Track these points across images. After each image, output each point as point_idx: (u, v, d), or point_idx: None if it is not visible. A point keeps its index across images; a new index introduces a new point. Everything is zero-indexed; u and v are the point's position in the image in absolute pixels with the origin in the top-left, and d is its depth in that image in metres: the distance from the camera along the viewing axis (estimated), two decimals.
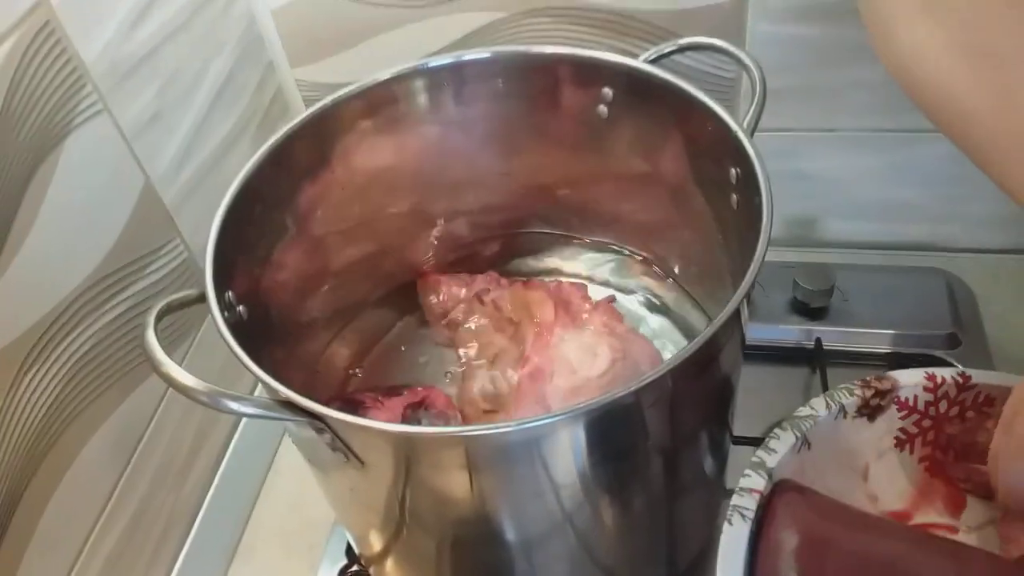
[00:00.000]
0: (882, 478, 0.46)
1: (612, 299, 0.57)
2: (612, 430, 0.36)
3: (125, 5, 0.49)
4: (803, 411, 0.46)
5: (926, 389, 0.46)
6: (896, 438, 0.47)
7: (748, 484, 0.43)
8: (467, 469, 0.36)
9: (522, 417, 0.38)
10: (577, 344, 0.53)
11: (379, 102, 0.49)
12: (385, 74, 0.48)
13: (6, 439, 0.41)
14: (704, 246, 0.50)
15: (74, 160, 0.44)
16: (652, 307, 0.58)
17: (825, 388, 0.58)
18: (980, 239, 0.67)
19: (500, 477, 0.37)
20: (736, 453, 0.54)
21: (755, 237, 0.38)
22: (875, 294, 0.64)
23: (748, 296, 0.37)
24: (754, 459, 0.44)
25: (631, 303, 0.58)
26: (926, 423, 0.46)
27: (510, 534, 0.41)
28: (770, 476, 0.43)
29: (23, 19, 0.41)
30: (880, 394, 0.46)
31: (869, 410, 0.46)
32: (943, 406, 0.46)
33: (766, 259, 0.65)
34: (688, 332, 0.56)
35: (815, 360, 0.61)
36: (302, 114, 0.46)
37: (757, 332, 0.62)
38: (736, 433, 0.51)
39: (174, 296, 0.38)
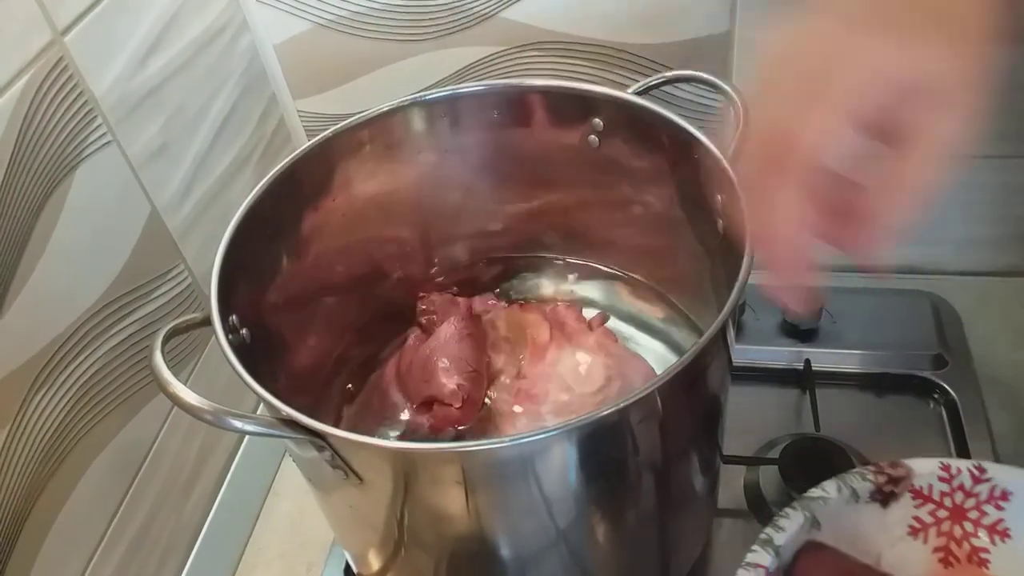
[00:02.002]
0: (895, 567, 0.45)
1: (605, 317, 0.58)
2: (603, 446, 0.37)
3: (135, 41, 0.51)
4: (814, 492, 0.46)
5: (941, 479, 0.46)
6: (910, 526, 0.46)
7: (754, 559, 0.43)
8: (463, 484, 0.37)
9: (517, 433, 0.39)
10: (572, 363, 0.54)
11: (379, 132, 0.51)
12: (385, 106, 0.50)
13: (14, 459, 0.42)
14: (693, 269, 0.52)
15: (84, 189, 0.46)
16: (645, 328, 0.60)
17: (814, 408, 0.59)
18: (965, 262, 0.69)
19: (495, 493, 0.38)
20: (727, 472, 0.55)
21: (740, 260, 0.39)
22: (863, 316, 0.65)
23: (735, 317, 0.38)
24: (762, 536, 0.44)
25: (624, 325, 0.59)
26: (942, 513, 0.46)
27: (505, 550, 0.42)
28: (777, 553, 0.43)
29: (38, 56, 0.43)
30: (894, 481, 0.46)
31: (882, 496, 0.46)
32: (959, 497, 0.46)
33: (757, 283, 0.67)
34: (680, 353, 0.57)
35: (805, 381, 0.62)
36: (305, 144, 0.48)
37: (748, 354, 0.63)
38: (727, 452, 0.52)
39: (180, 319, 0.40)
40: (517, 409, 0.53)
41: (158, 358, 0.35)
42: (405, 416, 0.52)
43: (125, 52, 0.50)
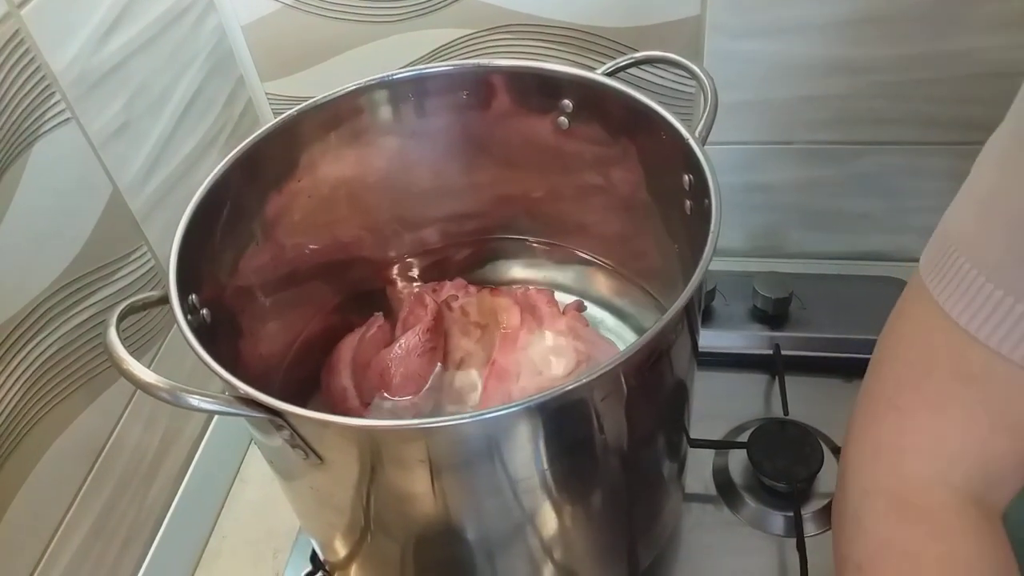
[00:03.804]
0: None
1: (581, 306, 0.58)
2: (568, 424, 0.37)
3: (96, 17, 0.50)
4: None
5: None
6: None
7: None
8: (427, 463, 0.36)
9: None
10: (542, 347, 0.54)
11: (345, 113, 0.50)
12: (351, 86, 0.50)
13: None
14: (662, 253, 0.52)
15: (41, 166, 0.45)
16: (616, 313, 0.60)
17: (783, 393, 0.60)
18: None
19: (460, 471, 0.38)
20: (695, 456, 0.56)
21: (705, 243, 0.39)
22: (832, 302, 0.66)
23: (700, 297, 0.38)
24: None
25: (595, 309, 0.59)
26: None
27: (472, 533, 0.42)
28: None
29: None
30: None
31: None
32: None
33: (727, 269, 0.67)
34: None
35: (774, 366, 0.62)
36: (269, 123, 0.47)
37: (718, 339, 0.64)
38: (696, 436, 0.52)
39: (137, 297, 0.39)
40: (488, 391, 0.52)
41: (112, 335, 0.35)
42: (352, 403, 0.51)
43: (86, 28, 0.49)
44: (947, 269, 0.34)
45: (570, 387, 0.34)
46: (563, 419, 0.37)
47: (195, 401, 0.33)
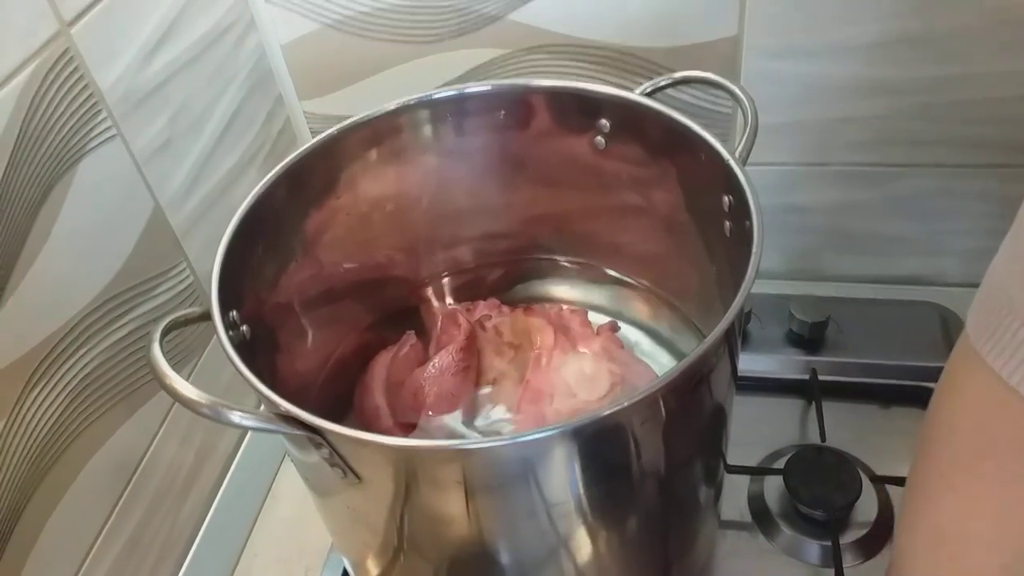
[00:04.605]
0: None
1: (615, 327, 0.58)
2: (604, 448, 0.37)
3: (142, 37, 0.51)
4: None
5: None
6: None
7: None
8: (463, 484, 0.36)
9: None
10: (577, 368, 0.54)
11: (384, 132, 0.51)
12: (391, 105, 0.50)
13: (10, 455, 0.41)
14: (699, 275, 0.51)
15: (87, 183, 0.46)
16: (650, 334, 0.59)
17: (820, 419, 0.58)
18: (972, 273, 0.68)
19: (495, 494, 0.38)
20: (731, 482, 0.55)
21: (746, 266, 0.39)
22: (870, 327, 0.64)
23: (740, 321, 0.37)
24: None
25: (630, 330, 0.59)
26: None
27: (505, 556, 0.41)
28: None
29: (44, 47, 0.43)
30: None
31: None
32: None
33: (763, 292, 0.66)
34: (683, 359, 0.56)
35: (810, 391, 0.61)
36: (310, 142, 0.48)
37: (753, 363, 0.63)
38: (731, 462, 0.51)
39: (179, 313, 0.39)
40: (521, 413, 0.52)
41: (156, 350, 0.35)
42: (386, 423, 0.51)
43: (132, 46, 0.50)
44: (1001, 335, 0.31)
45: (609, 411, 0.33)
46: (600, 443, 0.36)
47: (236, 418, 0.33)
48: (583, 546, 0.42)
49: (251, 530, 0.61)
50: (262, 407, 0.35)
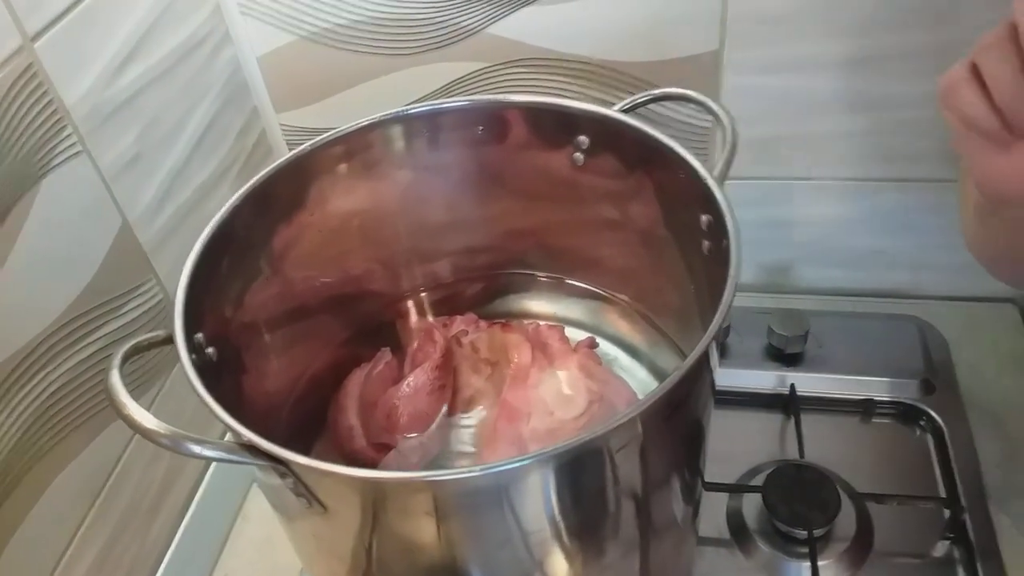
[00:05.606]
0: None
1: (593, 343, 0.57)
2: (583, 474, 0.36)
3: (110, 50, 0.49)
4: None
5: None
6: None
7: None
8: (434, 515, 0.35)
9: (498, 458, 0.37)
10: (554, 386, 0.53)
11: (358, 148, 0.50)
12: (364, 121, 0.49)
13: None
14: (678, 291, 0.51)
15: (51, 199, 0.45)
16: (628, 350, 0.58)
17: (799, 434, 0.58)
18: (952, 287, 0.68)
19: (468, 523, 0.37)
20: (709, 499, 0.54)
21: (724, 283, 0.38)
22: (849, 341, 0.64)
23: (718, 340, 0.37)
24: None
25: (608, 346, 0.58)
26: None
27: None
28: None
29: (6, 61, 0.42)
30: None
31: None
32: None
33: (742, 305, 0.66)
34: (662, 378, 0.56)
35: (789, 406, 0.61)
36: (281, 158, 0.47)
37: (732, 378, 0.62)
38: (709, 479, 0.51)
39: (142, 337, 0.38)
40: (497, 432, 0.51)
41: (115, 377, 0.34)
42: (359, 444, 0.50)
43: (99, 61, 0.49)
44: None
45: (587, 438, 0.33)
46: (577, 469, 0.36)
47: (197, 449, 0.33)
48: (560, 570, 0.41)
49: (221, 551, 0.60)
50: (227, 434, 0.34)
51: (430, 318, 0.59)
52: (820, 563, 0.52)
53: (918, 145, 0.60)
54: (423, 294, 0.60)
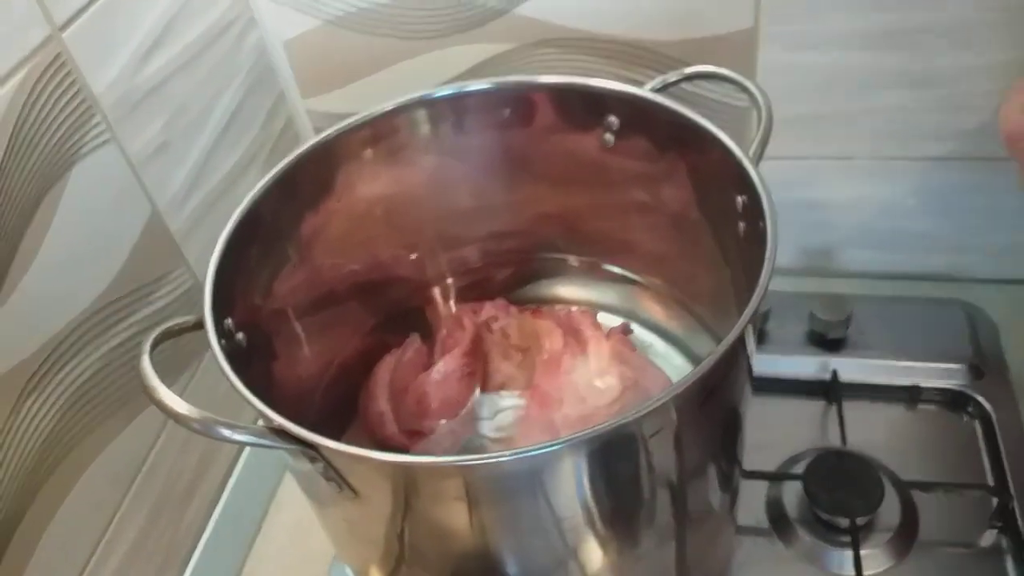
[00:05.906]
0: None
1: (627, 329, 0.56)
2: (615, 459, 0.35)
3: (136, 38, 0.49)
4: None
5: None
6: None
7: None
8: (466, 500, 0.35)
9: (529, 444, 0.37)
10: (587, 372, 0.52)
11: (384, 132, 0.49)
12: (389, 105, 0.49)
13: (5, 464, 0.40)
14: (713, 276, 0.50)
15: (81, 188, 0.45)
16: (664, 337, 0.57)
17: (841, 421, 0.57)
18: (1000, 269, 0.66)
19: (500, 508, 0.36)
20: (748, 487, 0.53)
21: (761, 265, 0.37)
22: (893, 325, 0.62)
23: (756, 325, 0.36)
24: None
25: (643, 332, 0.57)
26: None
27: (512, 569, 0.40)
28: None
29: (35, 52, 0.42)
30: None
31: None
32: None
33: (781, 290, 0.64)
34: (698, 361, 0.54)
35: (831, 393, 0.59)
36: (306, 144, 0.47)
37: (772, 364, 0.61)
38: (749, 467, 0.50)
39: (171, 323, 0.38)
40: (529, 418, 0.51)
41: (146, 362, 0.34)
42: (390, 430, 0.50)
43: (126, 49, 0.49)
44: None
45: (619, 423, 0.32)
46: (610, 454, 0.35)
47: (227, 433, 0.32)
48: (593, 559, 0.40)
49: (255, 536, 0.60)
50: (258, 420, 0.34)
51: (452, 306, 0.59)
52: (863, 552, 0.50)
53: (960, 122, 0.58)
54: (451, 280, 0.60)
